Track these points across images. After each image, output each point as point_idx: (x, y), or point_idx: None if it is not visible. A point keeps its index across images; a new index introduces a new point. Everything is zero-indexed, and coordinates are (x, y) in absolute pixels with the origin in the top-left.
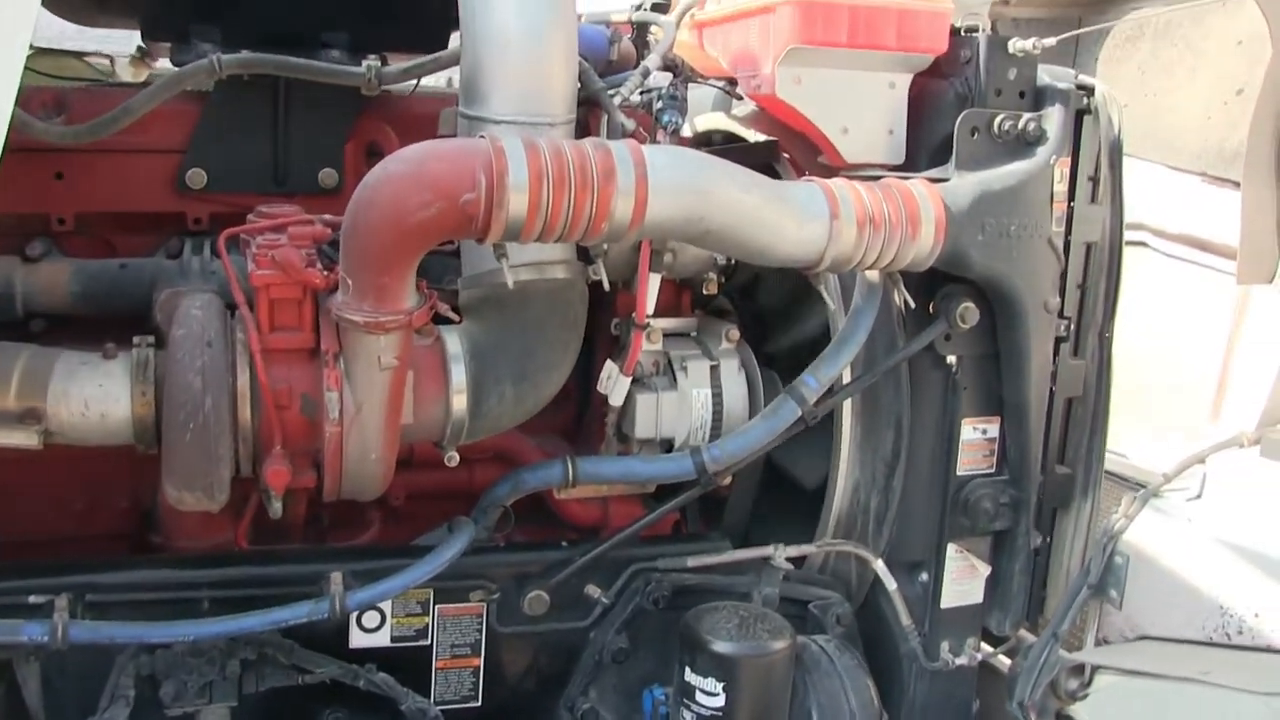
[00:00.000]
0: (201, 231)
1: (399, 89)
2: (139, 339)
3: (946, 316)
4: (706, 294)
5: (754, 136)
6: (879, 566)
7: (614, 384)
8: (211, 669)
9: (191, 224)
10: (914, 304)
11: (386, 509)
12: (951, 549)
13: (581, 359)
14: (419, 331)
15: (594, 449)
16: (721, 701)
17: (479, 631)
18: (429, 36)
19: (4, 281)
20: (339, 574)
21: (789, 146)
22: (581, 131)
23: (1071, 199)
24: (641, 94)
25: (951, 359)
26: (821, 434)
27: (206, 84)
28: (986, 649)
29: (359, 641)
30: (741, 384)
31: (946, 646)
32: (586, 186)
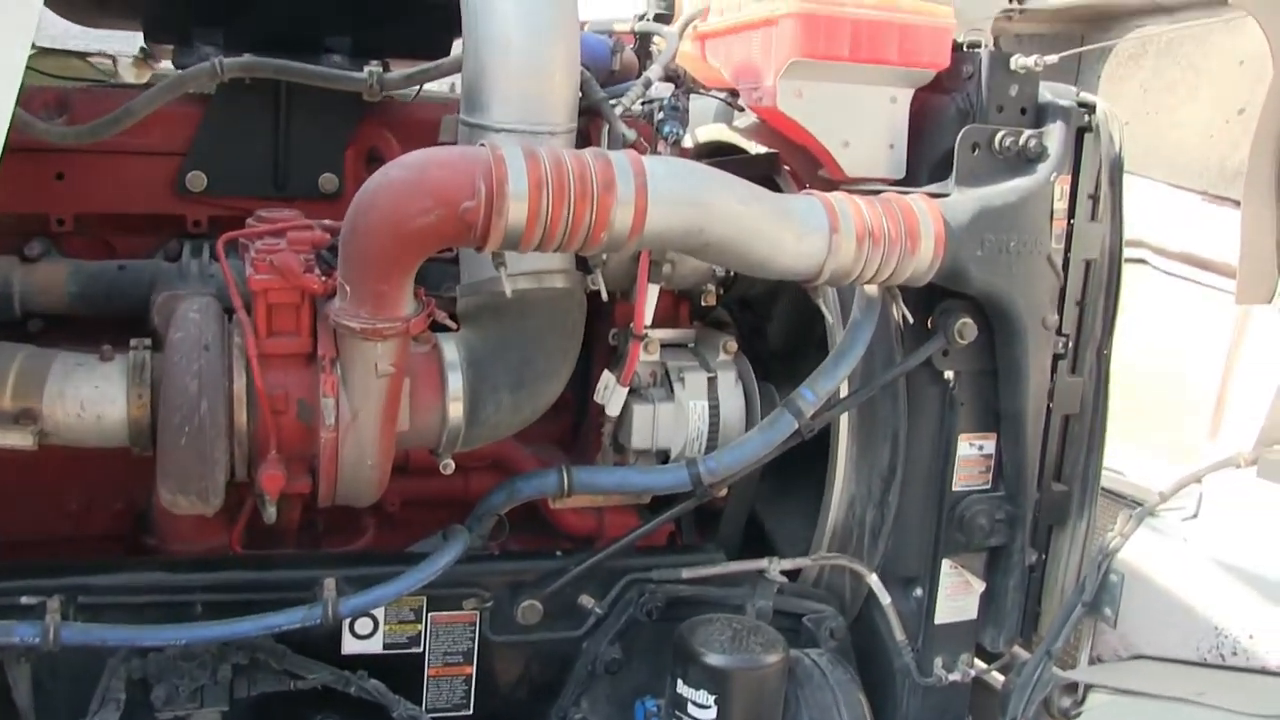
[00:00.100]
0: (201, 234)
1: (400, 95)
2: (136, 341)
3: (945, 332)
4: (705, 305)
5: (755, 148)
6: (873, 581)
7: (611, 394)
8: (203, 673)
9: (191, 227)
10: (912, 319)
11: (381, 515)
12: (946, 564)
13: (579, 368)
14: (416, 339)
15: (590, 459)
16: (713, 714)
17: (472, 640)
18: (431, 43)
19: (2, 281)
20: (332, 580)
21: (790, 159)
22: (582, 141)
23: (1071, 216)
24: (643, 104)
25: (949, 374)
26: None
27: (208, 87)
28: (980, 665)
29: (351, 648)
30: (739, 396)
31: (940, 662)
32: (586, 196)
